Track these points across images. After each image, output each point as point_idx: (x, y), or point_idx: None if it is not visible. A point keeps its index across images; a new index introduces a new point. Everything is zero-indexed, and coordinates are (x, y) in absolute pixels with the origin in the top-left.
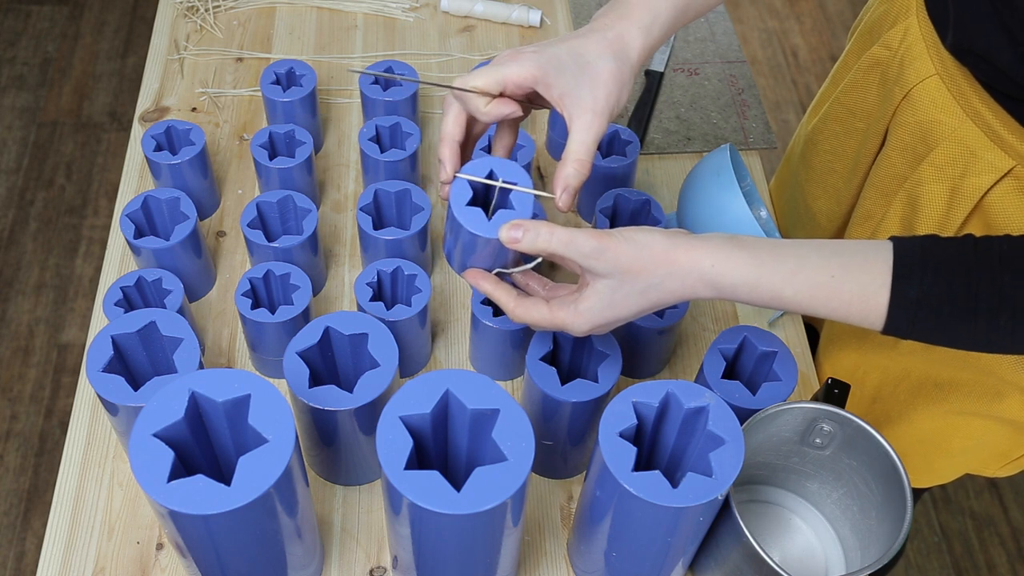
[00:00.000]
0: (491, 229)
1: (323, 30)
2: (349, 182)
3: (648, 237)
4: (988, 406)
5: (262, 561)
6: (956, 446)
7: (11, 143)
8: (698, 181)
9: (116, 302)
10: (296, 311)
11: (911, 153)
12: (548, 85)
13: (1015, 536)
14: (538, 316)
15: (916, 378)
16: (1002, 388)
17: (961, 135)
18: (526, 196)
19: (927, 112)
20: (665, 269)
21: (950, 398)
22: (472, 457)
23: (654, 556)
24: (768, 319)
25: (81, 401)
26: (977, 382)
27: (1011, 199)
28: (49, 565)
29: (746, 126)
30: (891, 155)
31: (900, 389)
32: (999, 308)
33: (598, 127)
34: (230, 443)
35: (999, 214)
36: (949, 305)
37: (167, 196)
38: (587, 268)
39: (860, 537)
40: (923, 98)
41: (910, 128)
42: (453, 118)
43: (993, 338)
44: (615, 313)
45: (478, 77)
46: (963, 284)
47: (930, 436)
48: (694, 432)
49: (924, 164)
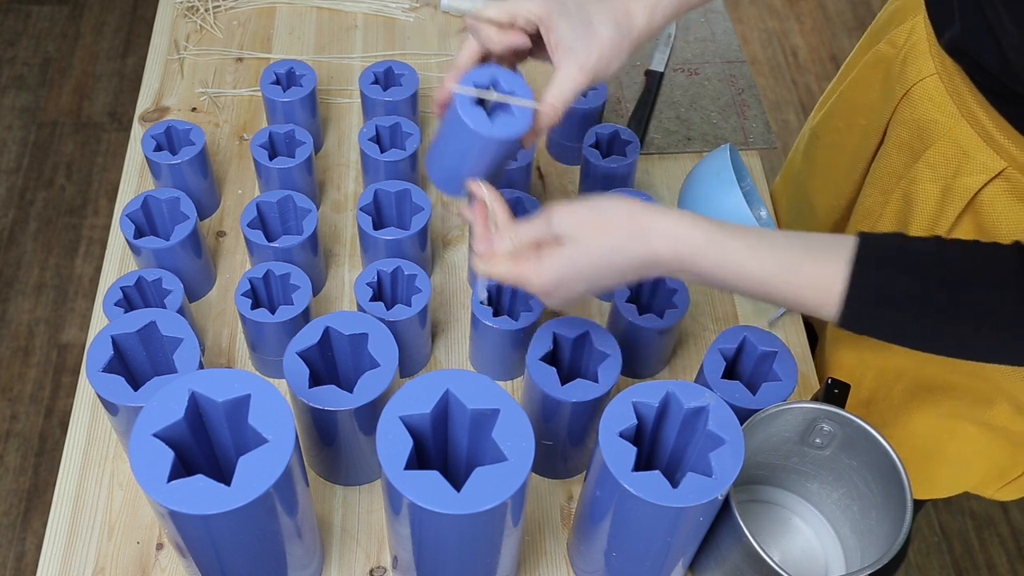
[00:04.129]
0: (494, 129)
1: (323, 30)
2: (349, 182)
3: (614, 202)
4: (980, 412)
5: (262, 561)
6: (952, 453)
7: (11, 143)
8: (698, 181)
9: (116, 302)
10: (296, 311)
11: (908, 151)
12: (550, 28)
13: (1015, 536)
14: (503, 264)
15: (910, 381)
16: (993, 394)
17: (955, 135)
18: (526, 107)
19: (925, 111)
20: (627, 230)
21: (943, 402)
22: (472, 457)
23: (654, 556)
24: (768, 319)
25: (81, 401)
26: (968, 387)
27: (1001, 200)
28: (49, 565)
29: (746, 126)
30: (890, 152)
31: (894, 392)
32: (957, 315)
33: (580, 82)
34: (230, 443)
35: (989, 214)
36: (905, 304)
37: (167, 196)
38: (554, 229)
39: (860, 537)
40: (922, 96)
41: (908, 126)
42: (467, 51)
43: (948, 343)
44: (577, 271)
45: (492, 10)
46: (921, 285)
47: (925, 441)
48: (694, 432)
49: (920, 162)
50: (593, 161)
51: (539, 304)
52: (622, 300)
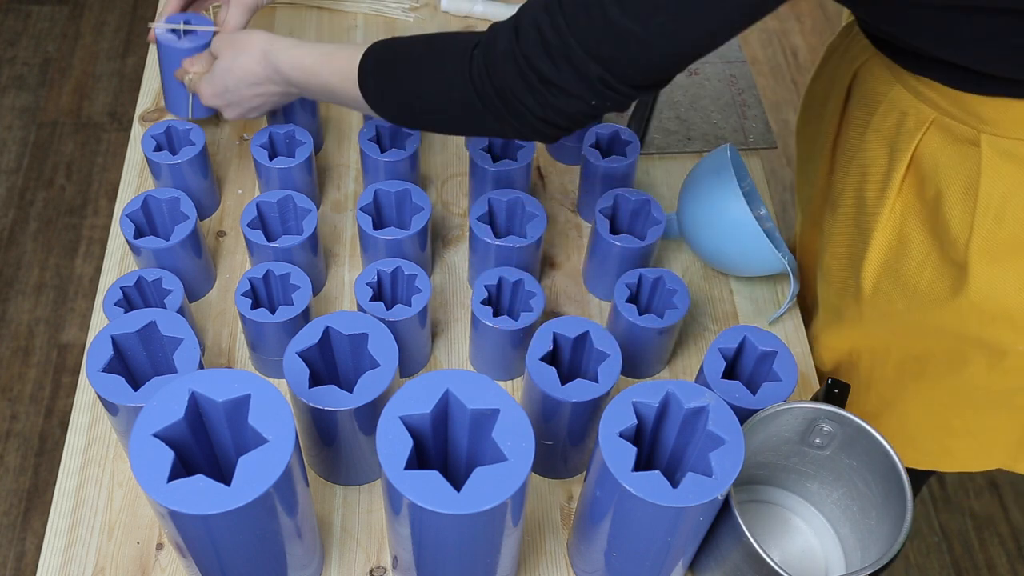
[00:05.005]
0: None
1: (323, 30)
2: (349, 182)
3: (246, 32)
4: (958, 375)
5: (262, 561)
6: (957, 427)
7: (11, 143)
8: (698, 181)
9: (116, 302)
10: (296, 311)
11: (861, 126)
12: None
13: (1015, 536)
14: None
15: (897, 355)
16: (966, 351)
17: (893, 99)
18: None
19: (870, 87)
20: (241, 48)
21: (927, 371)
22: (472, 457)
23: (654, 556)
24: (768, 319)
25: (81, 401)
26: (945, 349)
27: (936, 144)
28: (49, 565)
29: (746, 126)
30: (848, 133)
31: (888, 369)
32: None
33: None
34: (230, 443)
35: (929, 162)
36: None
37: (167, 196)
38: (212, 49)
39: (860, 537)
40: (867, 76)
41: (859, 104)
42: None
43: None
44: (222, 81)
45: None
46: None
47: (927, 416)
48: (694, 432)
49: (868, 131)
50: (593, 161)
51: (539, 304)
52: (622, 300)
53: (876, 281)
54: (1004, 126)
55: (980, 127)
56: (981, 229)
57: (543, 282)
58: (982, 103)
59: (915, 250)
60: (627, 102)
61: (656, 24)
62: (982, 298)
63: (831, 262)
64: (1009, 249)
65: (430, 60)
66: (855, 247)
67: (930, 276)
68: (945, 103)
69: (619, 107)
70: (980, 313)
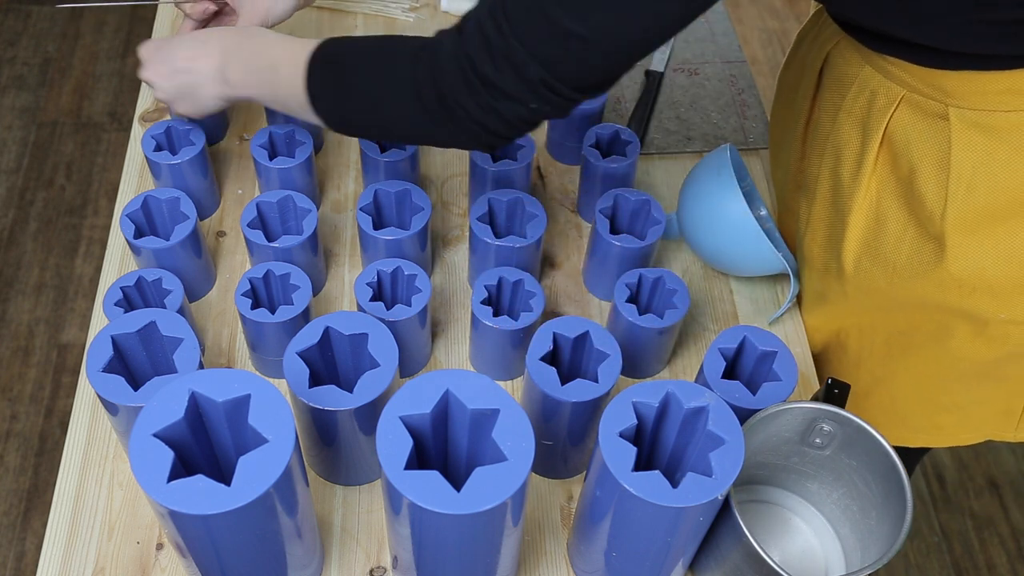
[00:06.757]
0: None
1: (323, 30)
2: (349, 182)
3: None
4: (943, 347)
5: (262, 561)
6: (946, 402)
7: (11, 143)
8: (698, 181)
9: (116, 302)
10: (296, 311)
11: (832, 109)
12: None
13: (1015, 536)
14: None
15: (884, 331)
16: (949, 322)
17: (863, 79)
18: None
19: (839, 68)
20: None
21: (913, 344)
22: (472, 457)
23: (654, 556)
24: (768, 318)
25: (81, 401)
26: (929, 322)
27: (906, 121)
28: (49, 565)
29: (746, 126)
30: (820, 118)
31: (876, 346)
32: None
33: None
34: (230, 443)
35: (901, 139)
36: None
37: (167, 196)
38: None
39: (860, 537)
40: (837, 58)
41: (830, 88)
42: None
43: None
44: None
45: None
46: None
47: (915, 392)
48: (694, 432)
49: (840, 114)
50: (593, 161)
51: (539, 304)
52: (622, 300)
53: (856, 260)
54: (970, 99)
55: (948, 101)
56: (955, 200)
57: (543, 282)
58: (948, 78)
59: (893, 226)
60: (568, 106)
61: (595, 22)
62: (960, 269)
63: (811, 246)
64: (983, 218)
65: (377, 60)
66: (834, 229)
67: (909, 251)
68: (913, 80)
69: (560, 113)
70: (960, 284)
